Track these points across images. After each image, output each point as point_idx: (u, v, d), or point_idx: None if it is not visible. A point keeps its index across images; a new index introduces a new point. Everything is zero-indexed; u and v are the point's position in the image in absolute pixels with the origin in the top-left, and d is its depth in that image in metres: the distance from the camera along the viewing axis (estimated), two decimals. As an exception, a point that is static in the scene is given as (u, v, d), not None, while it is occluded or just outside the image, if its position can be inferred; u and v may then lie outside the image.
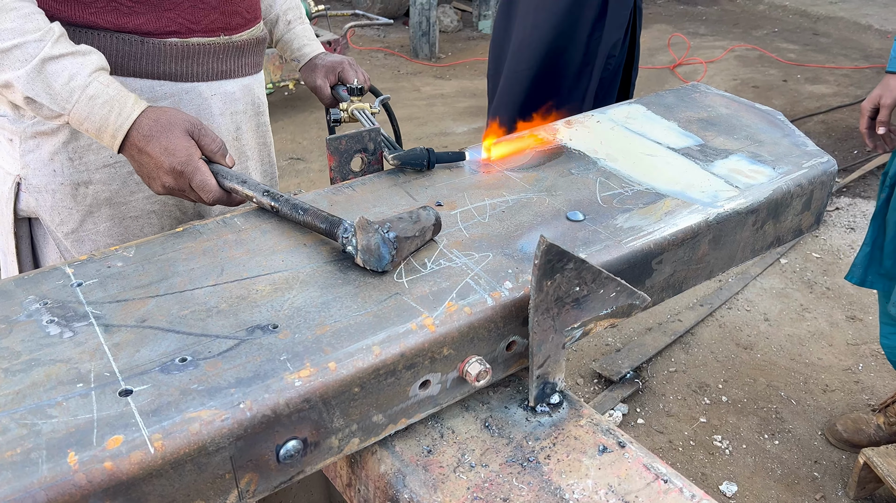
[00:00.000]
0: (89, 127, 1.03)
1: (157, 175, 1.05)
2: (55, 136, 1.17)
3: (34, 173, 1.19)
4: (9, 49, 0.98)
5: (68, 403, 0.75)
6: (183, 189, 1.06)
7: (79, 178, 1.21)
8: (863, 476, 2.11)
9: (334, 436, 0.83)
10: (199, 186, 1.05)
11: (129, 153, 1.05)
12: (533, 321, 0.87)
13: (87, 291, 0.92)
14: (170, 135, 1.04)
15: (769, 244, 1.23)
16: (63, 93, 1.01)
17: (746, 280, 3.12)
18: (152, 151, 1.03)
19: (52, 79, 1.00)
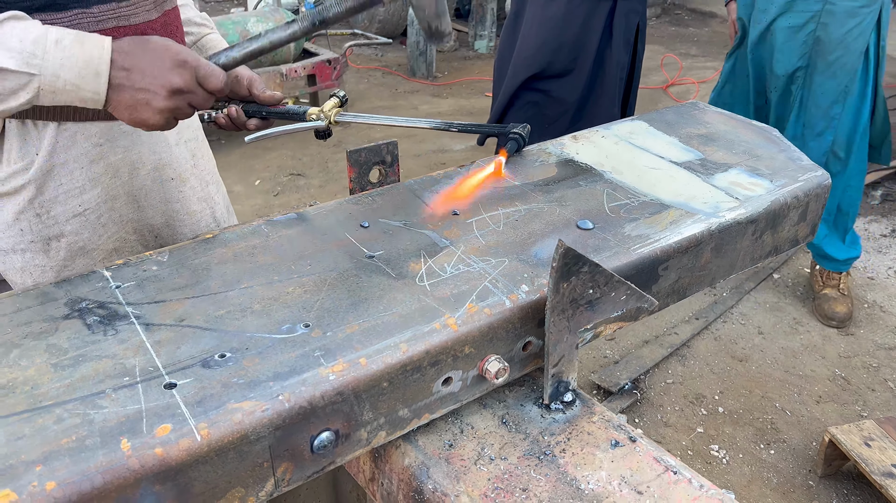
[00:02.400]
0: (68, 76, 0.92)
1: (160, 80, 0.97)
2: (18, 195, 1.14)
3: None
4: None
5: (117, 395, 0.80)
6: (189, 86, 1.00)
7: (49, 233, 1.18)
8: (828, 454, 2.22)
9: (363, 429, 0.88)
10: (207, 73, 1.01)
11: (116, 82, 0.96)
12: (549, 321, 0.93)
13: (125, 293, 0.97)
14: (150, 41, 0.98)
15: (767, 253, 1.29)
16: (25, 48, 0.90)
17: (741, 294, 3.18)
18: (143, 62, 0.96)
19: (7, 40, 0.89)
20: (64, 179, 1.16)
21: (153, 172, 1.28)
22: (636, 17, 2.63)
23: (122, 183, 1.24)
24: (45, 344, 0.87)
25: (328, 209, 1.17)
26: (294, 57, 4.64)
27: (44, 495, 0.69)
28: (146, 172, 1.27)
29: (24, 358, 0.85)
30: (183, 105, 1.02)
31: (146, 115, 0.99)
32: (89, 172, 1.18)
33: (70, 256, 1.20)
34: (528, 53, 2.56)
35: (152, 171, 1.28)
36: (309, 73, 4.63)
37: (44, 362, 0.84)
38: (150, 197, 1.29)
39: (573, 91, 2.62)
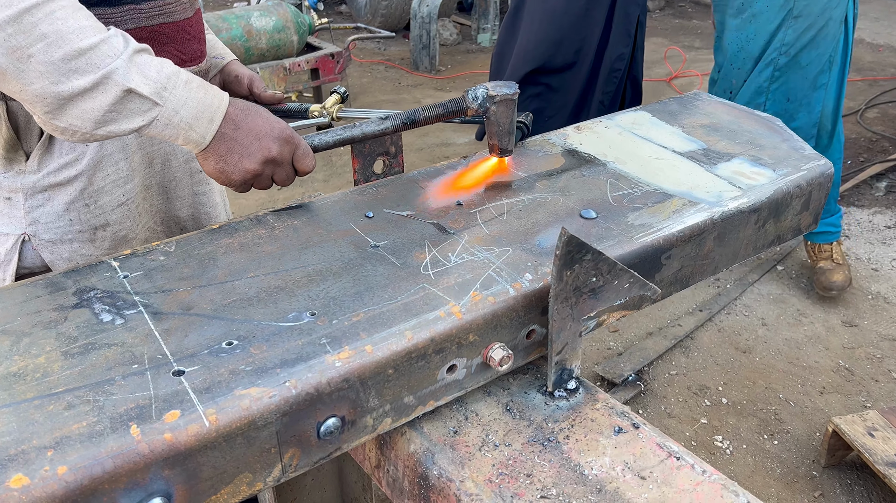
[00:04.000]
0: (185, 115, 0.97)
1: (260, 145, 1.03)
2: (70, 186, 1.16)
3: (46, 228, 1.17)
4: (97, 44, 0.91)
5: (126, 382, 0.81)
6: (284, 159, 1.06)
7: (97, 222, 1.20)
8: (832, 444, 2.23)
9: (369, 416, 0.89)
10: (304, 153, 1.08)
11: (222, 132, 1.02)
12: (553, 309, 0.94)
13: (133, 282, 0.98)
14: (262, 111, 1.05)
15: (770, 242, 1.30)
16: (160, 79, 0.95)
17: (744, 286, 3.19)
18: (253, 124, 1.03)
19: (146, 68, 0.94)
20: (110, 170, 1.18)
21: (184, 164, 1.31)
22: (636, 10, 2.63)
23: (155, 173, 1.28)
24: (54, 332, 0.88)
25: (333, 200, 1.18)
26: (297, 51, 4.64)
27: (55, 479, 0.70)
28: (178, 164, 1.30)
29: (35, 346, 0.86)
30: (268, 174, 1.07)
31: (233, 170, 1.04)
32: (131, 163, 1.21)
33: (114, 245, 1.23)
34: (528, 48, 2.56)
35: (183, 163, 1.31)
36: (312, 66, 4.64)
37: (54, 350, 0.85)
38: (180, 188, 1.32)
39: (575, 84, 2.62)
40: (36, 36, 0.87)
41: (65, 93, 0.90)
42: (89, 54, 0.90)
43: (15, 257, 1.17)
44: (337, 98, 1.35)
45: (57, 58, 0.89)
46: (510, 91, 1.18)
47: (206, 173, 1.06)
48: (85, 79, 0.90)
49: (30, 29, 0.87)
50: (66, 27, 0.89)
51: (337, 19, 7.02)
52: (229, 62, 1.40)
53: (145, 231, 1.28)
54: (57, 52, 0.88)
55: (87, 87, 0.91)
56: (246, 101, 1.06)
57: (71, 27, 0.89)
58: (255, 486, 0.83)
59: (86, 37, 0.90)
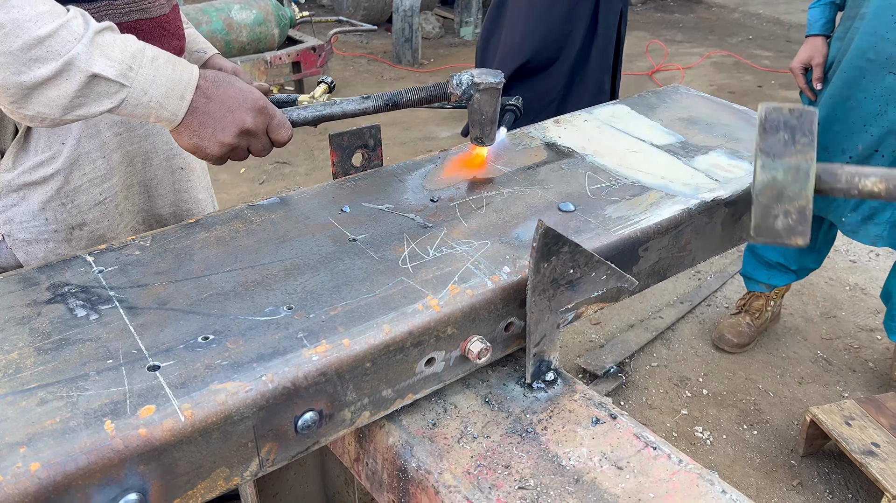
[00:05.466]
0: (154, 93, 0.95)
1: (234, 117, 1.01)
2: (46, 185, 1.14)
3: (21, 227, 1.15)
4: (56, 30, 0.88)
5: (100, 377, 0.80)
6: (259, 130, 1.04)
7: (73, 222, 1.19)
8: (810, 433, 2.27)
9: (347, 409, 0.89)
10: (279, 123, 1.05)
11: (194, 106, 0.99)
12: (530, 301, 0.94)
13: (108, 277, 0.97)
14: (234, 81, 1.03)
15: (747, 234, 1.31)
16: (125, 60, 0.92)
17: (724, 278, 3.21)
18: (225, 95, 1.01)
19: (109, 50, 0.91)
20: (87, 168, 1.16)
21: (165, 162, 1.30)
22: (619, 4, 2.64)
23: (136, 171, 1.26)
24: (27, 328, 0.87)
25: (311, 193, 1.18)
26: (279, 44, 4.61)
27: (28, 475, 0.69)
28: (158, 162, 1.29)
29: (7, 342, 0.85)
30: (244, 145, 1.05)
31: (208, 143, 1.01)
32: (110, 161, 1.19)
33: (91, 245, 1.21)
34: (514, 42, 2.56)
35: (164, 160, 1.30)
36: (294, 60, 4.60)
37: (27, 346, 0.84)
38: (161, 186, 1.31)
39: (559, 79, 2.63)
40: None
41: (28, 82, 0.88)
42: (48, 42, 0.88)
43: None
44: (325, 88, 1.34)
45: (16, 47, 0.86)
46: (495, 80, 1.17)
47: (182, 148, 1.04)
48: (47, 67, 0.88)
49: None
50: (23, 15, 0.86)
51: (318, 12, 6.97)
52: (212, 56, 1.38)
53: (127, 230, 1.27)
54: (15, 41, 0.86)
55: (49, 75, 0.88)
56: (217, 72, 1.03)
57: (27, 14, 0.87)
58: (232, 481, 0.83)
59: (44, 24, 0.88)
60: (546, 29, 2.56)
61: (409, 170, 1.26)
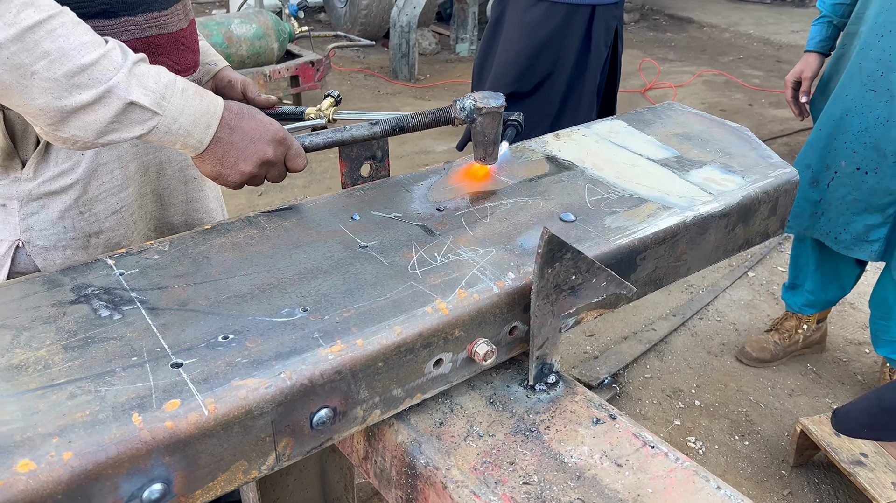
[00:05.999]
0: (183, 122, 1.01)
1: (256, 148, 1.07)
2: (66, 194, 1.17)
3: (40, 234, 1.19)
4: (98, 59, 0.94)
5: (126, 373, 0.84)
6: (278, 159, 1.10)
7: (90, 230, 1.22)
8: (800, 444, 2.31)
9: (360, 407, 0.93)
10: (296, 153, 1.13)
11: (219, 136, 1.05)
12: (534, 305, 0.98)
13: (129, 280, 1.01)
14: (256, 114, 1.10)
15: (740, 246, 1.36)
16: (158, 90, 0.98)
17: (716, 292, 3.27)
18: (247, 127, 1.07)
19: (145, 79, 0.98)
20: (105, 178, 1.20)
21: (178, 172, 1.34)
22: (615, 22, 2.71)
23: (150, 181, 1.30)
24: (54, 327, 0.91)
25: (322, 202, 1.22)
26: (278, 58, 4.67)
27: (61, 464, 0.73)
28: (172, 172, 1.33)
29: (35, 340, 0.89)
30: (262, 174, 1.11)
31: (230, 172, 1.08)
32: (126, 171, 1.24)
33: (106, 252, 1.24)
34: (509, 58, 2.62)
35: (178, 171, 1.34)
36: (292, 74, 4.67)
37: (54, 343, 0.88)
38: (174, 195, 1.35)
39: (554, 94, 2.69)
40: (39, 53, 0.90)
41: (68, 107, 0.93)
42: (91, 70, 0.93)
43: (7, 263, 1.19)
44: (332, 101, 1.40)
45: (60, 74, 0.91)
46: (497, 104, 1.23)
47: (204, 174, 1.09)
48: (87, 93, 0.93)
49: (32, 47, 0.89)
50: (68, 44, 0.92)
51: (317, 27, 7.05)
52: (222, 68, 1.43)
53: (140, 237, 1.30)
54: (60, 68, 0.91)
55: (89, 101, 0.94)
56: (240, 104, 1.10)
57: (72, 44, 0.92)
58: (250, 474, 0.86)
59: (87, 52, 0.93)
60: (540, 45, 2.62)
61: (416, 180, 1.31)
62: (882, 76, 2.11)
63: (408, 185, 1.29)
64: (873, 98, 2.14)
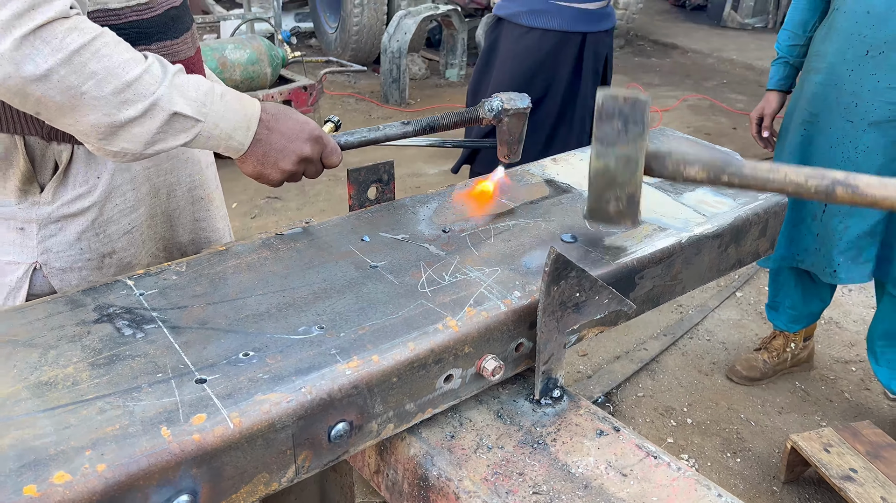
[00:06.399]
0: (224, 126, 1.06)
1: (294, 146, 1.13)
2: (83, 216, 1.21)
3: (57, 257, 1.22)
4: (141, 75, 0.99)
5: (152, 389, 0.87)
6: (315, 157, 1.16)
7: (104, 250, 1.26)
8: (791, 460, 2.36)
9: (374, 421, 0.97)
10: (332, 150, 1.18)
11: (258, 137, 1.10)
12: (541, 322, 1.03)
13: (149, 300, 1.04)
14: (292, 113, 1.15)
15: (732, 265, 1.41)
16: (199, 98, 1.03)
17: (706, 312, 3.33)
18: (285, 127, 1.12)
19: (185, 90, 1.02)
20: (118, 200, 1.24)
21: (187, 193, 1.38)
22: (605, 49, 2.79)
23: (160, 202, 1.33)
24: (79, 345, 0.94)
25: (332, 224, 1.27)
26: (271, 83, 4.73)
27: (95, 475, 0.76)
28: (181, 193, 1.37)
29: (62, 357, 0.92)
30: (300, 171, 1.16)
31: (271, 170, 1.13)
32: (138, 193, 1.28)
33: (118, 272, 1.28)
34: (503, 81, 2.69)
35: (186, 192, 1.38)
36: (285, 98, 4.72)
37: (81, 361, 0.91)
38: (183, 216, 1.39)
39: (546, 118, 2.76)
40: (87, 74, 0.95)
41: (117, 122, 0.98)
42: (135, 85, 0.98)
43: (25, 284, 1.21)
44: (332, 126, 1.45)
45: (108, 92, 0.96)
46: (523, 105, 1.28)
47: (246, 174, 1.15)
48: (134, 108, 0.98)
49: (80, 68, 0.94)
50: (113, 63, 0.97)
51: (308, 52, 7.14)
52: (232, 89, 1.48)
53: (148, 257, 1.34)
54: (107, 86, 0.96)
55: (136, 115, 0.99)
56: (276, 104, 1.15)
57: (116, 62, 0.97)
58: (271, 486, 0.90)
59: (130, 69, 0.98)
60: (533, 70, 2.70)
61: (421, 203, 1.35)
62: (857, 107, 2.21)
63: (413, 207, 1.34)
64: (851, 128, 2.24)
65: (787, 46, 2.49)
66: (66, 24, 0.94)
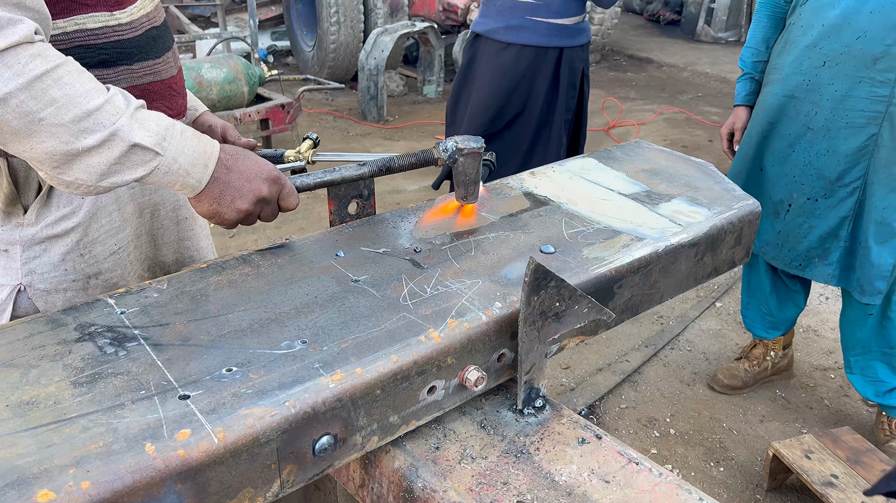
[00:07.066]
0: (183, 162, 1.06)
1: (251, 186, 1.13)
2: (67, 237, 1.21)
3: (42, 278, 1.22)
4: (103, 105, 0.99)
5: (136, 406, 0.88)
6: (272, 198, 1.16)
7: (90, 271, 1.26)
8: (773, 467, 2.39)
9: (358, 434, 0.98)
10: (289, 192, 1.19)
11: (216, 175, 1.11)
12: (522, 331, 1.05)
13: (131, 317, 1.05)
14: (250, 155, 1.16)
15: (709, 274, 1.45)
16: (159, 131, 1.04)
17: (686, 322, 3.37)
18: (243, 166, 1.13)
19: (146, 122, 1.03)
20: (104, 220, 1.24)
21: (171, 213, 1.39)
22: (581, 64, 2.85)
23: (145, 222, 1.34)
24: (61, 364, 0.95)
25: (313, 239, 1.28)
26: (248, 101, 4.74)
27: (80, 493, 0.76)
28: (165, 213, 1.38)
29: (43, 377, 0.92)
30: (256, 212, 1.16)
31: (227, 210, 1.13)
32: (124, 213, 1.28)
33: (104, 293, 1.26)
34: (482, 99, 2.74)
35: (171, 211, 1.38)
36: (263, 117, 4.74)
37: (62, 380, 0.92)
38: (167, 235, 1.39)
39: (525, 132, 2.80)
40: (47, 100, 0.95)
41: (73, 150, 0.98)
42: (96, 114, 0.98)
43: (10, 307, 1.21)
44: (310, 143, 1.46)
45: (67, 119, 0.96)
46: (476, 145, 1.32)
47: (200, 214, 1.14)
48: (93, 137, 0.98)
49: (41, 95, 0.94)
50: (74, 91, 0.97)
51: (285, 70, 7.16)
52: (202, 113, 1.49)
53: (135, 277, 1.34)
54: (67, 114, 0.96)
55: (94, 144, 0.99)
56: (234, 146, 1.16)
57: (78, 91, 0.97)
58: (256, 501, 0.90)
59: (92, 98, 0.98)
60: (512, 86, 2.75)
61: (401, 217, 1.37)
62: (816, 115, 2.30)
63: (393, 221, 1.36)
64: (812, 135, 2.34)
65: (750, 63, 2.59)
66: (30, 50, 0.94)
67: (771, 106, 2.43)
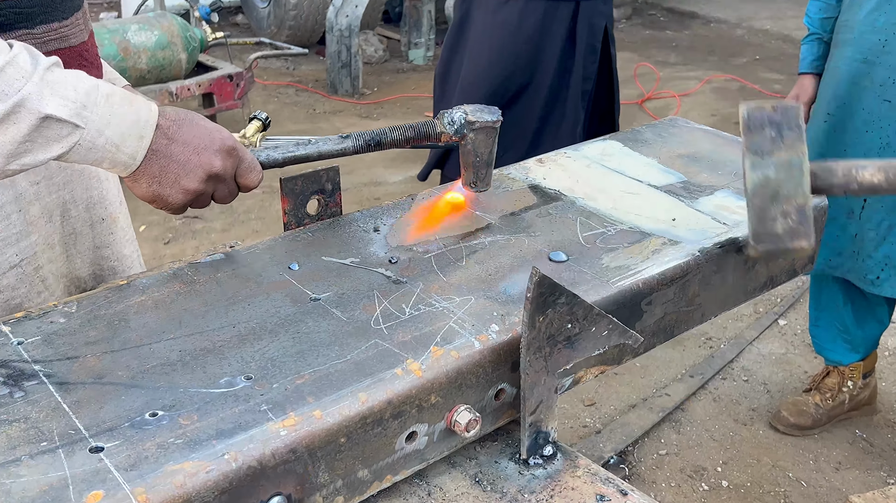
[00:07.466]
0: (110, 134, 1.04)
1: (200, 160, 1.11)
2: None
3: None
4: (2, 68, 0.96)
5: (35, 462, 0.88)
6: (228, 173, 1.15)
7: None
8: None
9: (318, 493, 0.98)
10: (249, 166, 1.18)
11: (154, 148, 1.08)
12: (525, 361, 1.05)
13: (30, 349, 1.05)
14: (199, 119, 1.13)
15: (762, 285, 1.45)
16: (78, 98, 1.01)
17: (741, 345, 3.38)
18: (189, 135, 1.11)
19: (61, 88, 1.00)
20: (1, 226, 1.24)
21: (84, 213, 1.39)
22: (602, 20, 2.86)
23: (55, 228, 1.34)
24: (-60, 409, 0.95)
25: (261, 248, 1.29)
26: (186, 72, 4.75)
27: (-38, 574, 0.76)
28: (77, 213, 1.38)
29: (-82, 426, 0.92)
30: (209, 191, 1.16)
31: (171, 191, 1.12)
32: (27, 216, 1.28)
33: (5, 316, 1.26)
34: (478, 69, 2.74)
35: (84, 211, 1.39)
36: (205, 91, 4.75)
37: (-58, 430, 0.92)
38: (79, 242, 1.39)
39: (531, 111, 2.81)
40: None
41: None
42: None
43: None
44: (258, 125, 1.46)
45: None
46: (492, 118, 1.32)
47: (140, 198, 1.14)
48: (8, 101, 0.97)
49: None
50: None
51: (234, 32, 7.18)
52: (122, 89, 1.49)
53: (50, 299, 1.34)
54: None
55: (8, 109, 0.97)
56: (179, 109, 1.14)
57: None
58: (189, 580, 0.90)
59: None
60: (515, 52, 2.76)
61: (374, 217, 1.38)
62: (894, 83, 2.29)
63: (365, 223, 1.36)
64: (888, 109, 2.33)
65: (818, 20, 2.58)
66: None
67: (842, 73, 2.44)
